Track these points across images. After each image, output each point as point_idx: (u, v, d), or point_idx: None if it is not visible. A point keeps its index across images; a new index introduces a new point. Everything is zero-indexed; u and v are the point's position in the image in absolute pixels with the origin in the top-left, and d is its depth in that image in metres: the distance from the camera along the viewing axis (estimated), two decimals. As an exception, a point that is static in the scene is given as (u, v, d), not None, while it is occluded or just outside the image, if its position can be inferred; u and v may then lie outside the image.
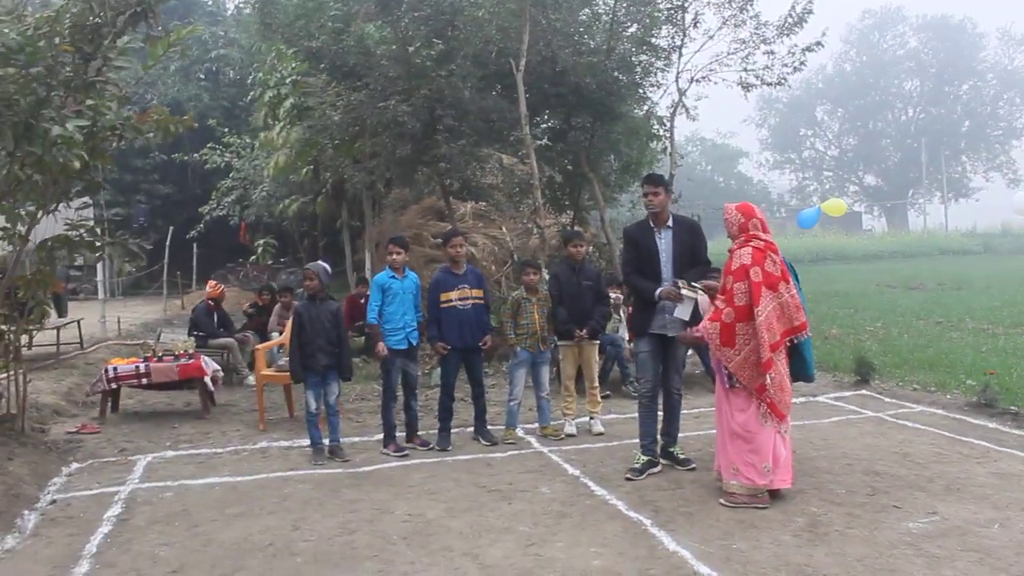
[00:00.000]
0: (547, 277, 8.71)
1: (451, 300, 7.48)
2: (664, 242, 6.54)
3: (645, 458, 6.58)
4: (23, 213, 7.47)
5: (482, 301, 7.67)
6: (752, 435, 5.73)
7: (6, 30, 6.29)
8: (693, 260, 6.54)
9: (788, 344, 5.84)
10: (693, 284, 6.23)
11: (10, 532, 5.68)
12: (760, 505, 5.61)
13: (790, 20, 13.04)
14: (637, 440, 6.72)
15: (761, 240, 5.80)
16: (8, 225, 7.50)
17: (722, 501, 5.73)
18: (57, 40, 6.57)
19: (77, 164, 6.90)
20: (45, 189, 7.46)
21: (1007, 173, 65.59)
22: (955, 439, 7.34)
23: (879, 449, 7.06)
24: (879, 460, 6.69)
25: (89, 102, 6.83)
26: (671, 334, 6.51)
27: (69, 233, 7.93)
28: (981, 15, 67.93)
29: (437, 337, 7.55)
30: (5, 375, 8.14)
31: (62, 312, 15.85)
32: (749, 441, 5.74)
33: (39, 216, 7.71)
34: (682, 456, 6.76)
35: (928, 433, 7.59)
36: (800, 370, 6.09)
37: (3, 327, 7.94)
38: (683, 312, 6.24)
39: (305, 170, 15.35)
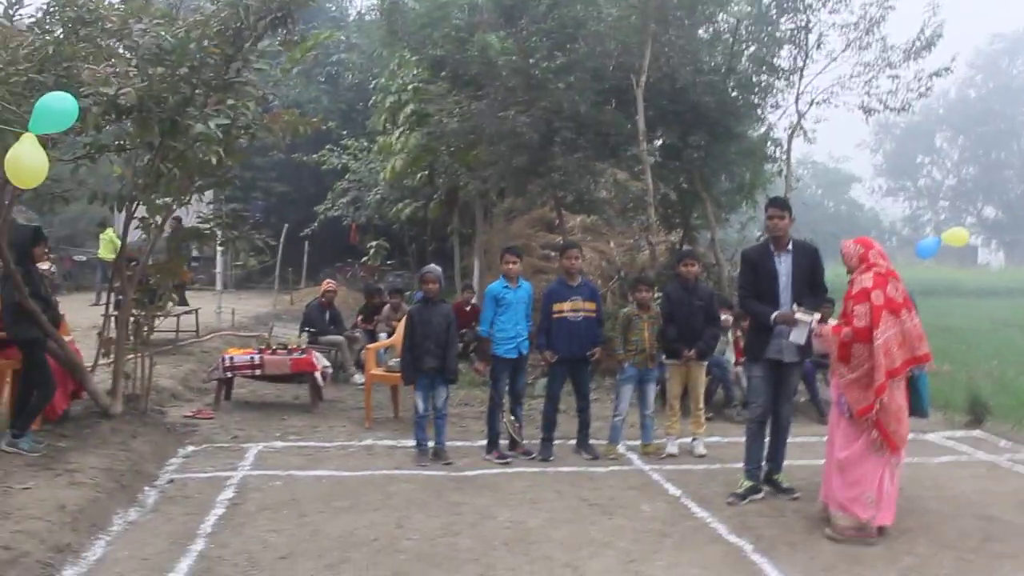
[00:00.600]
0: (658, 294, 8.68)
1: (563, 311, 7.53)
2: (784, 266, 6.46)
3: (748, 483, 6.51)
4: (161, 204, 7.86)
5: (594, 314, 7.69)
6: (856, 465, 5.63)
7: (162, 32, 6.64)
8: (811, 286, 6.50)
9: (908, 374, 5.72)
10: (808, 309, 6.18)
11: (133, 506, 6.04)
12: (868, 540, 5.50)
13: (918, 44, 12.74)
14: (740, 464, 6.66)
15: (883, 266, 5.71)
16: (147, 215, 7.89)
17: (828, 532, 5.63)
18: (206, 43, 6.90)
19: (214, 160, 7.23)
20: (182, 183, 7.83)
21: None
22: (1079, 490, 7.01)
23: (993, 494, 6.79)
24: (993, 505, 6.43)
25: (230, 102, 7.14)
26: (787, 360, 6.43)
27: (200, 226, 8.31)
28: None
29: (545, 346, 7.62)
30: (133, 357, 8.56)
31: (183, 301, 16.56)
32: (853, 472, 5.64)
33: (175, 208, 8.11)
34: (785, 485, 6.67)
35: (1049, 482, 7.28)
36: (914, 404, 5.97)
37: (135, 312, 8.35)
38: (799, 336, 6.18)
39: (420, 175, 15.66)
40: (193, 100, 7.04)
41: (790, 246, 6.49)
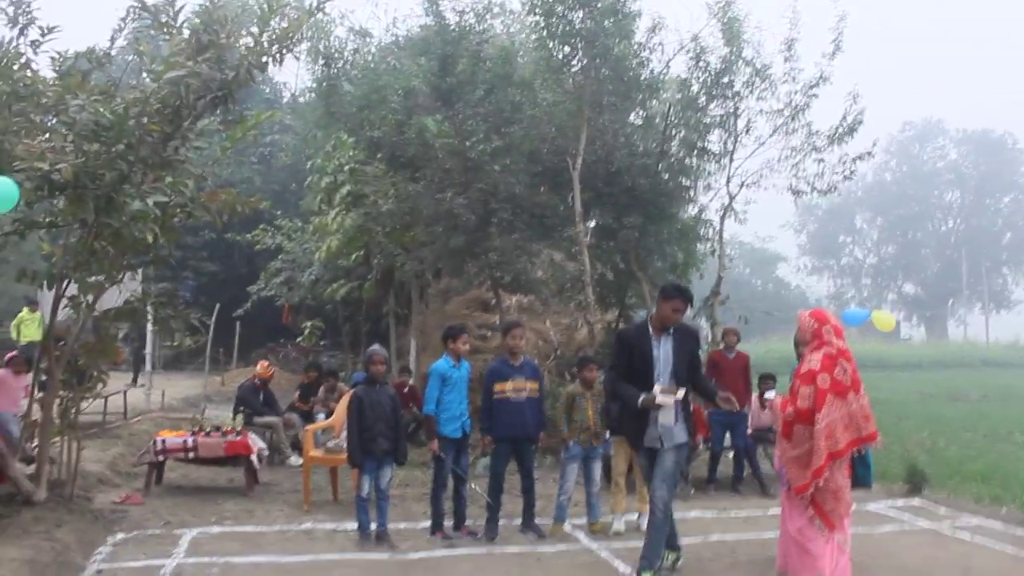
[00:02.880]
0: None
1: (505, 391, 7.48)
2: (663, 350, 6.15)
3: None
4: (93, 282, 7.66)
5: (537, 394, 7.65)
6: (808, 540, 5.68)
7: (100, 108, 6.56)
8: (691, 370, 6.28)
9: (856, 453, 5.79)
10: (671, 388, 6.00)
11: (58, 601, 5.71)
12: None
13: (841, 129, 13.22)
14: (684, 540, 6.62)
15: (835, 347, 5.79)
16: (78, 294, 7.68)
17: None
18: (145, 120, 6.83)
19: (150, 238, 7.10)
20: (115, 260, 7.66)
21: (1049, 286, 65.05)
22: (1018, 555, 7.12)
23: (938, 561, 6.88)
24: (939, 573, 6.53)
25: (168, 179, 7.05)
26: (666, 445, 6.11)
27: (134, 304, 8.11)
28: (1021, 130, 68.27)
29: (488, 427, 7.55)
30: (59, 441, 8.23)
31: (136, 381, 16.15)
32: (804, 547, 5.69)
33: (107, 287, 7.91)
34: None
35: (988, 548, 7.36)
36: (861, 477, 6.05)
37: (62, 393, 8.06)
38: (666, 418, 6.02)
39: (355, 256, 15.59)
40: (130, 177, 6.94)
41: (671, 329, 6.19)
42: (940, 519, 8.48)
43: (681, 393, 5.99)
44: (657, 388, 5.95)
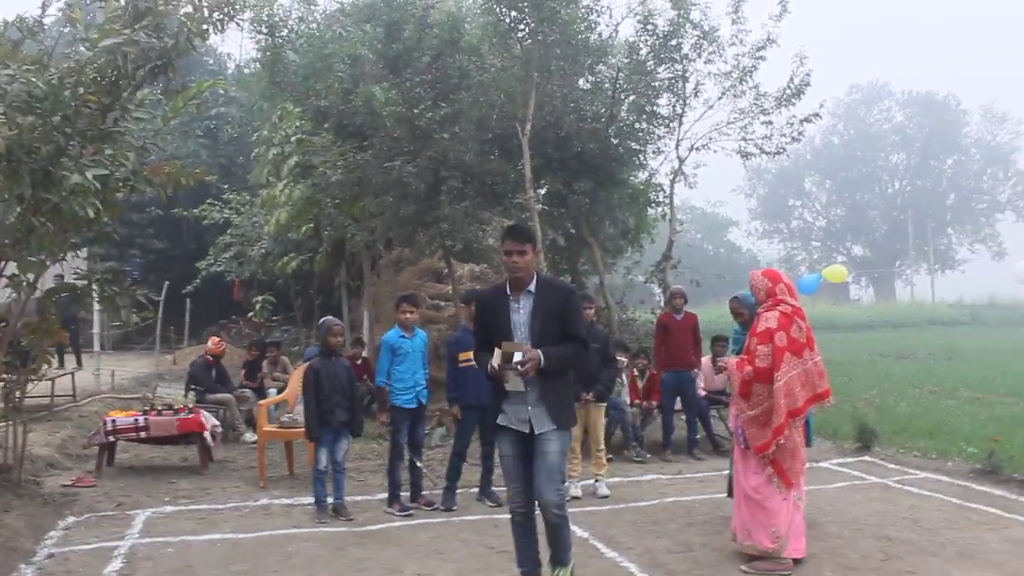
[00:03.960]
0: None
1: (470, 359, 7.43)
2: (523, 312, 5.07)
3: None
4: (34, 261, 7.45)
5: None
6: (764, 499, 5.73)
7: (33, 79, 6.35)
8: (563, 336, 5.02)
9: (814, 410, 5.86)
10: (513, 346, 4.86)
11: (8, 586, 5.59)
12: (783, 572, 5.56)
13: (788, 91, 13.29)
14: (644, 503, 6.66)
15: (789, 305, 5.82)
16: (17, 273, 7.47)
17: (743, 568, 5.66)
18: (81, 90, 6.63)
19: (91, 213, 6.91)
20: (56, 237, 7.45)
21: (992, 246, 66.35)
22: (963, 506, 7.32)
23: (888, 515, 7.04)
24: (889, 526, 6.67)
25: (108, 152, 6.86)
26: (538, 430, 4.97)
27: (77, 283, 7.92)
28: (964, 92, 69.32)
29: (455, 399, 7.52)
30: (3, 425, 8.04)
31: (79, 362, 15.80)
32: (761, 504, 5.74)
33: (48, 265, 7.70)
34: None
35: (935, 499, 7.57)
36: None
37: (5, 376, 7.86)
38: (515, 385, 4.86)
39: (305, 228, 15.36)
40: (67, 150, 6.73)
41: (532, 286, 5.09)
42: (889, 474, 8.68)
43: (525, 353, 4.79)
44: (497, 353, 4.84)
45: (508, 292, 5.12)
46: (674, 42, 12.93)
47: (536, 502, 5.00)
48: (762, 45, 13.10)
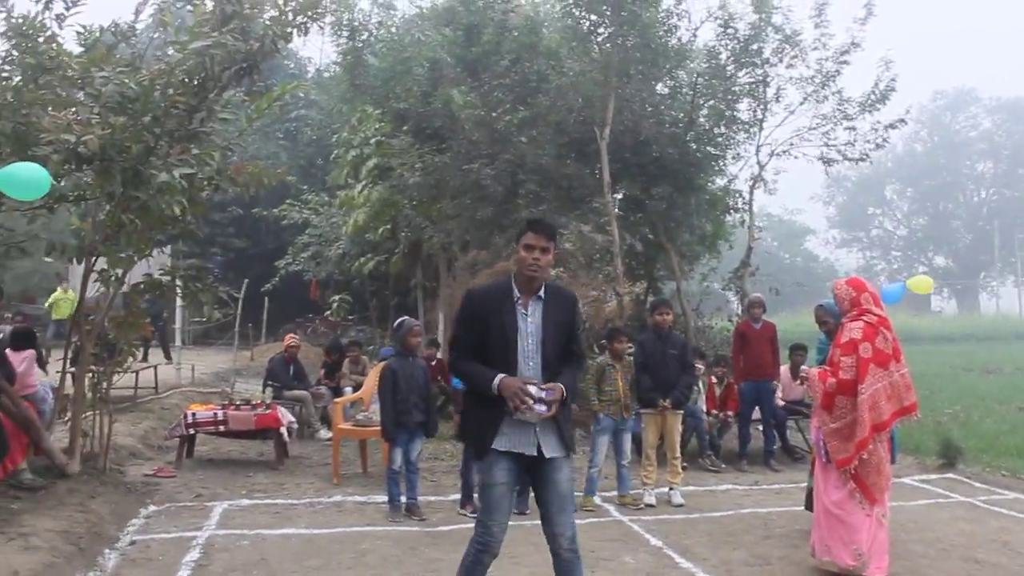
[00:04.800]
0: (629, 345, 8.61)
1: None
2: (531, 322, 4.35)
3: None
4: (123, 256, 7.66)
5: None
6: (846, 514, 5.56)
7: (126, 80, 6.53)
8: (564, 350, 4.43)
9: (899, 424, 5.68)
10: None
11: (92, 570, 5.75)
12: None
13: (873, 97, 13.00)
14: (718, 513, 6.52)
15: (874, 315, 5.65)
16: (107, 268, 7.69)
17: (824, 584, 5.52)
18: (170, 91, 6.80)
19: (177, 211, 7.07)
20: (143, 234, 7.65)
21: (1083, 258, 64.10)
22: (1056, 531, 7.02)
23: (976, 536, 6.77)
24: (978, 548, 6.41)
25: (194, 151, 7.02)
26: (548, 454, 4.32)
27: (162, 278, 8.12)
28: (1055, 98, 67.01)
29: None
30: (90, 415, 8.28)
31: (167, 356, 16.22)
32: (842, 520, 5.57)
33: (135, 260, 7.91)
34: None
35: (1026, 522, 7.28)
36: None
37: (93, 367, 8.09)
38: (529, 416, 4.17)
39: (382, 229, 15.57)
40: (156, 150, 6.90)
41: (542, 292, 4.40)
42: (976, 493, 8.38)
43: (547, 390, 4.17)
44: (530, 386, 4.14)
45: (516, 294, 4.34)
46: (755, 46, 12.76)
47: (548, 537, 4.42)
48: (846, 49, 12.83)
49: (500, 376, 4.15)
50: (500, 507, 4.36)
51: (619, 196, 13.62)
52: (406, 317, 7.83)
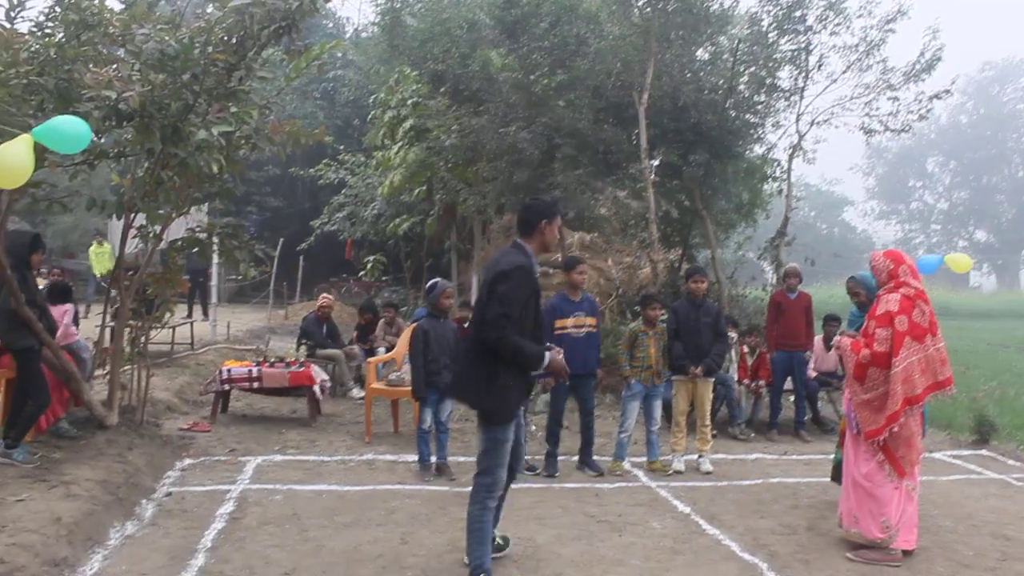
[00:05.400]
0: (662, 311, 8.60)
1: (566, 327, 7.41)
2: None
3: None
4: (161, 213, 7.74)
5: (595, 329, 7.61)
6: (875, 486, 5.54)
7: (166, 37, 6.55)
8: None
9: (933, 399, 5.62)
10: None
11: (130, 519, 5.89)
12: (892, 564, 5.38)
13: (918, 67, 12.76)
14: (747, 482, 6.53)
15: (912, 287, 5.58)
16: (145, 224, 7.78)
17: (849, 555, 5.51)
18: (209, 49, 6.82)
19: (215, 169, 7.12)
20: (182, 191, 7.73)
21: None
22: (1090, 509, 6.95)
23: (1007, 513, 6.71)
24: (1008, 525, 6.36)
25: (232, 109, 7.05)
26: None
27: (199, 235, 8.20)
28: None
29: None
30: (130, 368, 8.42)
31: (206, 313, 16.41)
32: (870, 492, 5.55)
33: (173, 217, 8.00)
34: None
35: (1060, 501, 7.21)
36: None
37: (132, 322, 8.22)
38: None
39: (418, 191, 15.58)
40: (195, 107, 6.94)
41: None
42: (1009, 470, 8.30)
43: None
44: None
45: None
46: (798, 13, 12.57)
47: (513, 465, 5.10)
48: (892, 17, 12.60)
49: (548, 352, 4.72)
50: (507, 457, 4.88)
51: (656, 162, 13.55)
52: (439, 279, 7.85)
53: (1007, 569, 5.40)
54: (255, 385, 9.60)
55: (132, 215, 7.81)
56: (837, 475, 6.49)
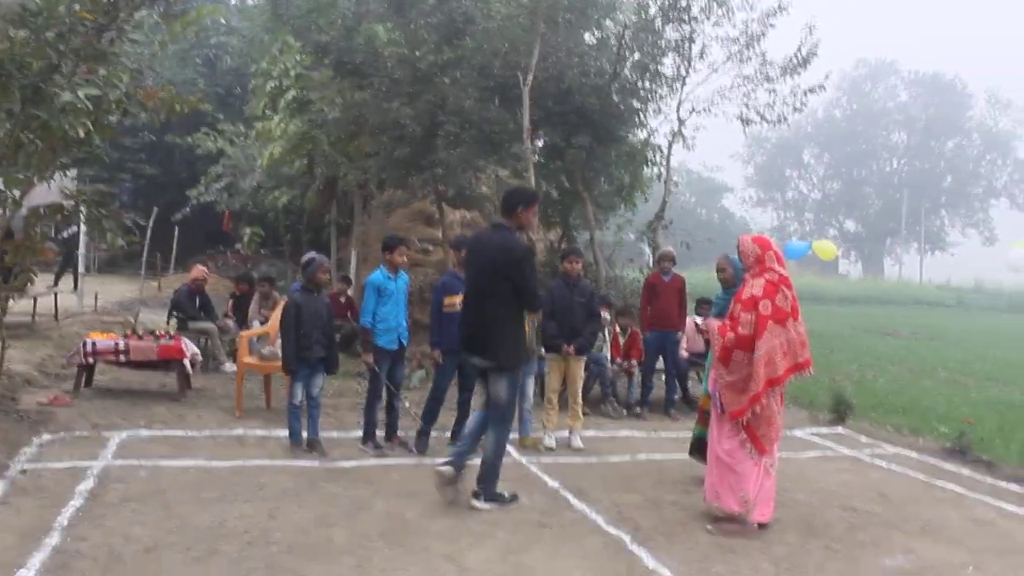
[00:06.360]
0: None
1: (455, 304, 7.44)
2: None
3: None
4: (21, 178, 7.38)
5: None
6: (736, 463, 5.77)
7: (28, -9, 6.25)
8: None
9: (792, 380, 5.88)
10: None
11: (-23, 498, 5.61)
12: (749, 536, 5.62)
13: (795, 61, 13.19)
14: (617, 458, 6.72)
15: (776, 273, 5.80)
16: (3, 189, 7.41)
17: (709, 528, 5.73)
18: (77, 7, 6.53)
19: (81, 133, 6.83)
20: (44, 156, 7.38)
21: (983, 231, 66.84)
22: (930, 483, 7.42)
23: (856, 487, 7.12)
24: (856, 497, 6.75)
25: (101, 72, 6.77)
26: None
27: (64, 202, 7.86)
28: (971, 75, 69.08)
29: (438, 344, 7.51)
30: (-17, 339, 8.04)
31: (76, 285, 15.67)
32: (732, 468, 5.78)
33: (35, 183, 7.63)
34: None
35: (903, 475, 7.68)
36: None
37: (-13, 291, 7.84)
38: None
39: (298, 164, 15.27)
40: (60, 68, 6.64)
41: None
42: (861, 447, 8.79)
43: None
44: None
45: None
46: (684, 2, 12.82)
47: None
48: (772, 12, 12.97)
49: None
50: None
51: (539, 143, 13.64)
52: (316, 253, 7.73)
53: (851, 538, 5.74)
54: (122, 358, 9.26)
55: (-11, 178, 7.42)
56: (695, 450, 6.75)
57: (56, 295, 13.31)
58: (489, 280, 5.93)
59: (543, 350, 8.01)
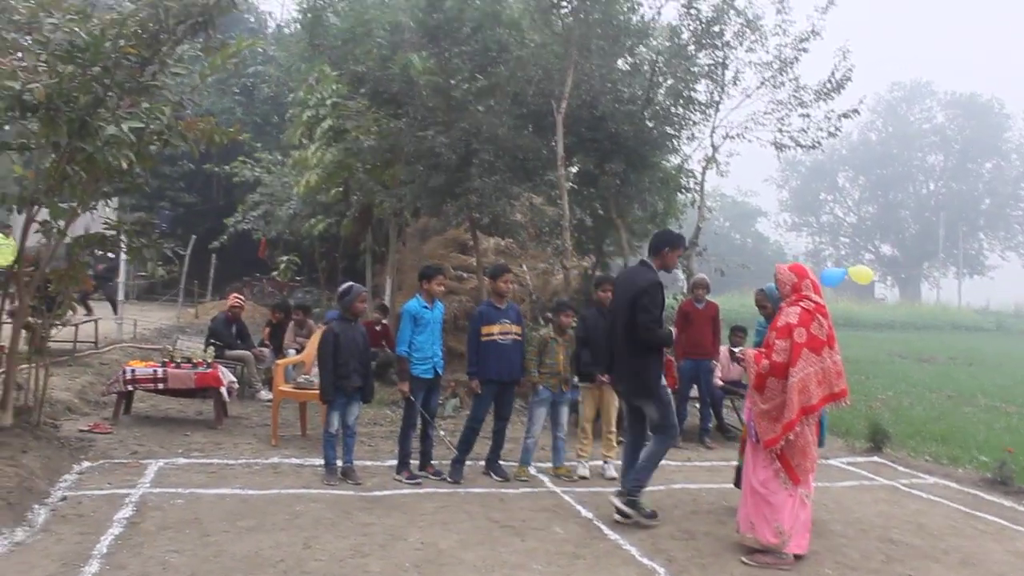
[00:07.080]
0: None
1: (492, 334, 7.49)
2: None
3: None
4: (66, 208, 7.54)
5: (520, 337, 7.70)
6: (770, 493, 5.73)
7: (76, 28, 6.40)
8: None
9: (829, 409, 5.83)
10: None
11: (20, 525, 5.70)
12: (784, 568, 5.57)
13: (828, 86, 13.14)
14: (647, 488, 6.68)
15: (812, 302, 5.79)
16: (49, 219, 7.56)
17: (744, 560, 5.68)
18: (122, 42, 6.67)
19: (124, 164, 6.97)
20: (88, 187, 7.54)
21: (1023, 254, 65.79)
22: (970, 514, 7.31)
23: (893, 517, 7.03)
24: (893, 528, 6.67)
25: (144, 105, 6.91)
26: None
27: (106, 232, 8.00)
28: (1009, 96, 68.36)
29: (476, 373, 7.55)
30: (27, 367, 8.17)
31: (115, 311, 15.91)
32: (766, 499, 5.74)
33: (79, 213, 7.79)
34: None
35: (942, 505, 7.56)
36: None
37: (31, 319, 7.98)
38: None
39: (334, 191, 15.42)
40: (105, 101, 6.79)
41: None
42: (898, 476, 8.67)
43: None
44: None
45: None
46: (717, 28, 12.80)
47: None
48: (805, 37, 12.94)
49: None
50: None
51: (573, 170, 13.66)
52: (353, 283, 7.77)
53: (890, 571, 5.66)
54: (160, 386, 9.39)
55: (35, 209, 7.59)
56: (739, 481, 6.69)
57: (96, 323, 13.49)
58: (627, 312, 6.45)
59: (576, 379, 7.99)
